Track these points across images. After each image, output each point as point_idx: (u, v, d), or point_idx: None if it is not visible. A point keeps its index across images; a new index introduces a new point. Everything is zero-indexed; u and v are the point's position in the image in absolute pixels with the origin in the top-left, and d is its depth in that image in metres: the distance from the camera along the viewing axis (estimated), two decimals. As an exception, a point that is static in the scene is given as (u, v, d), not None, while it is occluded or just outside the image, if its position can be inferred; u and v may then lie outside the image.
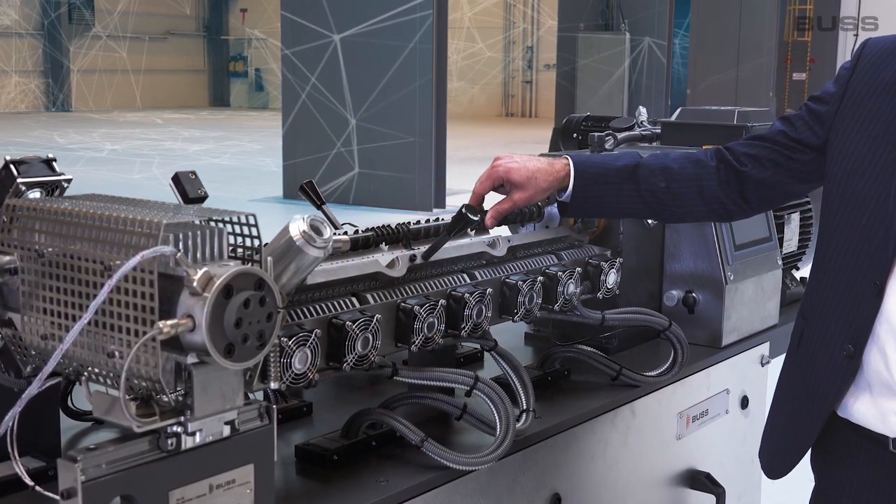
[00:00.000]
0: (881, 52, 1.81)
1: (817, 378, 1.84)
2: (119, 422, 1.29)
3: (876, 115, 1.76)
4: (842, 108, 1.82)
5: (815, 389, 1.84)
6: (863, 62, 1.82)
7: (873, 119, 1.76)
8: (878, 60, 1.80)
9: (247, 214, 1.38)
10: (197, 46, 33.67)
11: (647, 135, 3.01)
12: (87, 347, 1.34)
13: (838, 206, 1.79)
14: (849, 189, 1.77)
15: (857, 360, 1.75)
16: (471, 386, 1.81)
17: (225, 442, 1.37)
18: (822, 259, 1.84)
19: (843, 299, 1.78)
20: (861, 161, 1.76)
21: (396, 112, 12.73)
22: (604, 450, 2.16)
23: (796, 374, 1.91)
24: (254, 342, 1.32)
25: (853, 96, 1.81)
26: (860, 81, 1.81)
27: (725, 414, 2.60)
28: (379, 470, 1.74)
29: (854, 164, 1.77)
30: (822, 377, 1.82)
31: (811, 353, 1.85)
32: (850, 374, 1.77)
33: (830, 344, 1.80)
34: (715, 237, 2.55)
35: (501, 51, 30.70)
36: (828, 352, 1.80)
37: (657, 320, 2.29)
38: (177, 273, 1.28)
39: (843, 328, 1.77)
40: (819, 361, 1.83)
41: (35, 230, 1.42)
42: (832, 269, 1.80)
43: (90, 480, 1.24)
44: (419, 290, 1.85)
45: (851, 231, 1.76)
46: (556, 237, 2.26)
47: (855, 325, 1.75)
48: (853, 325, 1.75)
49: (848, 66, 1.85)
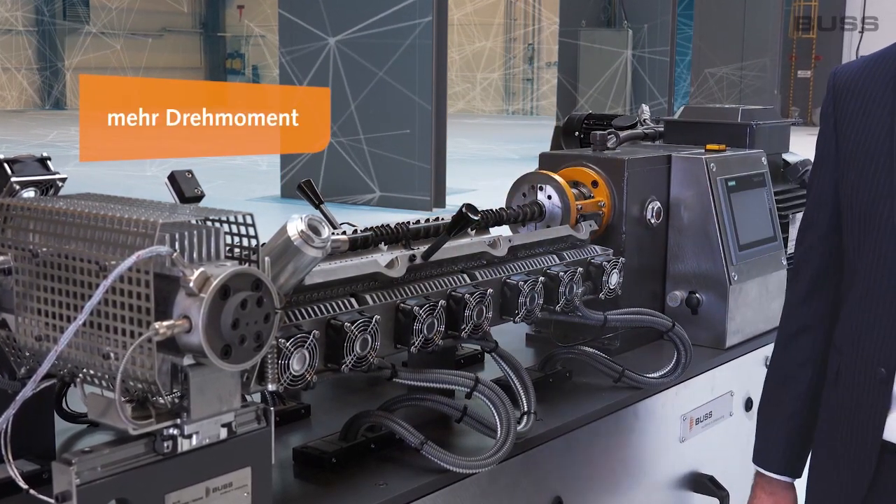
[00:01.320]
0: (851, 77, 1.84)
1: (860, 410, 1.82)
2: (114, 424, 1.29)
3: (867, 136, 1.79)
4: (839, 144, 1.83)
5: (858, 421, 1.82)
6: (840, 92, 1.84)
7: (867, 139, 1.79)
8: (851, 86, 1.83)
9: (244, 214, 1.38)
10: (193, 43, 33.66)
11: (650, 133, 3.01)
12: (82, 349, 1.34)
13: (857, 235, 1.80)
14: (859, 212, 1.79)
15: (891, 382, 1.75)
16: (471, 388, 1.81)
17: (222, 445, 1.37)
18: (850, 291, 1.84)
19: (875, 325, 1.78)
20: (861, 181, 1.78)
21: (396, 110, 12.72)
22: (606, 453, 2.16)
23: (836, 410, 1.87)
24: (251, 343, 1.32)
25: (843, 128, 1.83)
26: (843, 111, 1.83)
27: (729, 416, 2.60)
28: (378, 473, 1.74)
29: (855, 186, 1.79)
30: (863, 407, 1.81)
31: (850, 386, 1.84)
32: (886, 398, 1.76)
33: (867, 372, 1.79)
34: (719, 237, 2.55)
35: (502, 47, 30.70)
36: (865, 380, 1.80)
37: (660, 321, 2.29)
38: (173, 273, 1.28)
39: (877, 353, 1.77)
40: (856, 392, 1.81)
41: (29, 230, 1.42)
42: (861, 298, 1.80)
43: (85, 484, 1.24)
44: (419, 290, 1.85)
45: (872, 253, 1.76)
46: (557, 237, 2.26)
47: (886, 348, 1.75)
48: (884, 348, 1.76)
49: (828, 102, 1.87)
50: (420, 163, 12.66)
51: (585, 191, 2.44)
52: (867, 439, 1.79)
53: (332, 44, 13.01)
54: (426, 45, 12.52)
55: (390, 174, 12.81)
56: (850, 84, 1.83)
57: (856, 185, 1.79)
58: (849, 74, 1.84)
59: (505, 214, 2.28)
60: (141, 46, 31.10)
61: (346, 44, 12.97)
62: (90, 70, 29.68)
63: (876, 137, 1.77)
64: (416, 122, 12.65)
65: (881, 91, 1.78)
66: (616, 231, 2.44)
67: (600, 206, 2.43)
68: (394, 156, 12.78)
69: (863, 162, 1.78)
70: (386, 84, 12.78)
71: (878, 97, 1.78)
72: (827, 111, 1.87)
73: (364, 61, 12.89)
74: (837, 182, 1.84)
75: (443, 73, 12.92)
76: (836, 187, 1.84)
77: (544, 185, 2.38)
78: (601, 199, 2.43)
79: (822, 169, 1.88)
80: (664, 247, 2.61)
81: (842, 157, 1.82)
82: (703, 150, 2.70)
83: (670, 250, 2.61)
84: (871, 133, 1.78)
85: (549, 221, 2.36)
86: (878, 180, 1.75)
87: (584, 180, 2.46)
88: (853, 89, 1.82)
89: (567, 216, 2.34)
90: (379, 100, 12.85)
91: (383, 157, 12.87)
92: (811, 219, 1.92)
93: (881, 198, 1.74)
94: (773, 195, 2.82)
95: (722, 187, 2.59)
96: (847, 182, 1.81)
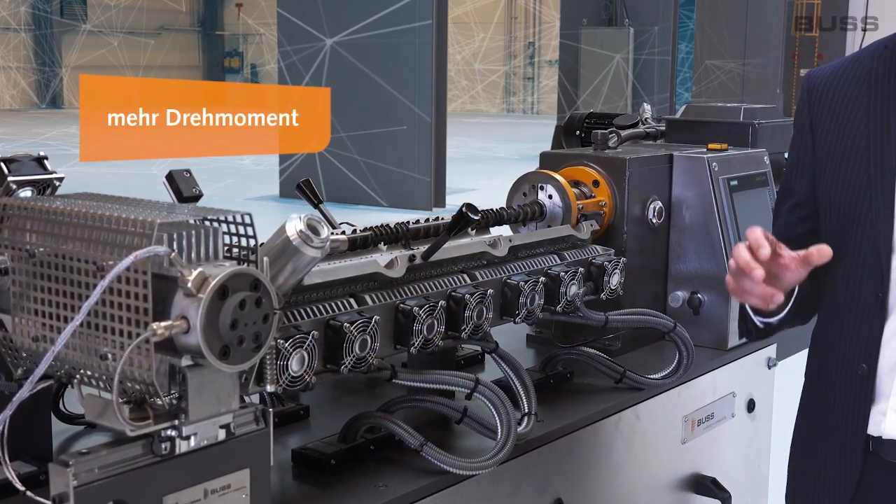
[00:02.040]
0: (826, 79, 1.86)
1: (842, 408, 1.82)
2: (112, 425, 1.29)
3: (844, 136, 1.81)
4: (815, 145, 1.86)
5: (841, 420, 1.82)
6: (815, 94, 1.87)
7: (843, 140, 1.81)
8: (826, 88, 1.86)
9: (242, 214, 1.38)
10: (191, 42, 33.65)
11: (652, 132, 3.01)
12: (80, 349, 1.34)
13: (838, 234, 1.80)
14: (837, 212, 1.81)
15: (873, 378, 1.76)
16: (471, 389, 1.81)
17: (220, 446, 1.37)
18: (826, 291, 1.85)
19: (851, 322, 1.79)
20: (838, 181, 1.81)
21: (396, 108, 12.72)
22: (607, 454, 2.16)
23: (818, 411, 1.88)
24: (250, 344, 1.32)
25: (819, 129, 1.85)
26: (818, 112, 1.85)
27: (731, 418, 2.59)
28: (377, 475, 1.74)
29: (833, 185, 1.81)
30: (845, 406, 1.81)
31: (831, 384, 1.84)
32: (868, 393, 1.77)
33: (848, 369, 1.80)
34: (721, 237, 2.55)
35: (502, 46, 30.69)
36: (847, 378, 1.80)
37: (662, 322, 2.29)
38: (171, 274, 1.28)
39: (858, 350, 1.78)
40: (838, 391, 1.82)
41: (26, 230, 1.42)
42: (836, 296, 1.81)
43: (82, 485, 1.24)
44: (418, 290, 1.85)
45: (846, 251, 1.77)
46: (558, 237, 2.26)
47: (868, 345, 1.76)
48: (867, 346, 1.76)
49: (803, 104, 1.89)
50: (419, 161, 12.65)
51: (586, 190, 2.44)
52: (851, 436, 1.80)
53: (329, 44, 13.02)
54: (426, 44, 12.52)
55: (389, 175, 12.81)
56: (824, 86, 1.86)
57: (834, 185, 1.81)
58: (823, 77, 1.88)
59: (505, 214, 2.28)
60: (138, 45, 31.09)
61: (344, 44, 12.97)
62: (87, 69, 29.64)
63: (852, 137, 1.79)
64: (416, 120, 12.65)
65: (855, 92, 1.81)
66: (617, 231, 2.44)
67: (601, 206, 2.43)
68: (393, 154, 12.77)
69: (840, 162, 1.80)
70: (386, 82, 12.77)
71: (853, 98, 1.81)
72: (802, 113, 1.89)
73: (363, 60, 12.88)
74: (815, 183, 1.85)
75: (443, 72, 12.92)
76: (813, 189, 1.86)
77: (545, 184, 2.38)
78: (602, 199, 2.43)
79: (797, 171, 1.90)
80: (666, 247, 2.61)
81: (818, 157, 1.84)
82: (705, 150, 2.70)
83: (672, 250, 2.61)
84: (847, 134, 1.81)
85: (549, 221, 2.36)
86: (856, 179, 1.78)
87: (585, 180, 2.46)
88: (828, 91, 1.85)
89: (568, 216, 2.34)
90: (378, 98, 12.85)
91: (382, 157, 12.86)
92: (785, 218, 1.92)
93: (860, 197, 1.76)
94: (776, 195, 2.81)
95: (724, 187, 2.59)
96: (825, 182, 1.83)
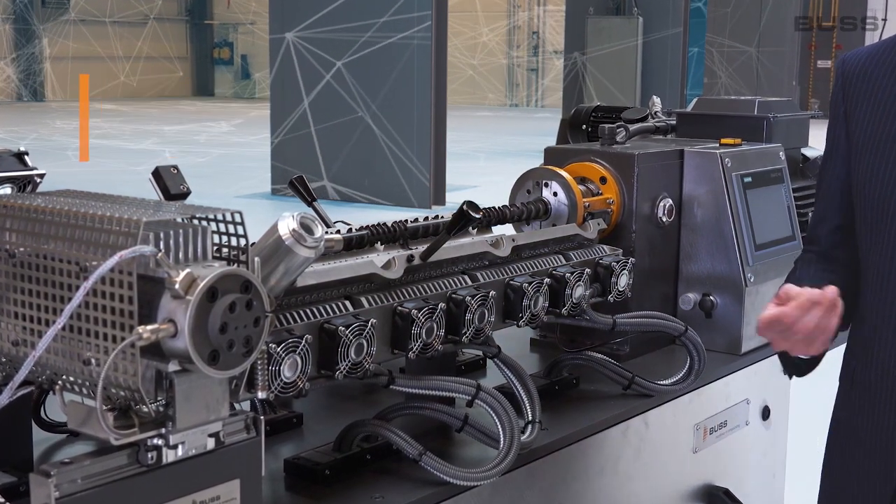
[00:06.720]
0: (861, 64, 1.88)
1: (878, 409, 1.81)
2: (96, 434, 1.29)
3: (879, 123, 1.81)
4: (850, 132, 1.86)
5: (879, 418, 1.81)
6: (849, 81, 1.88)
7: (879, 127, 1.81)
8: (861, 73, 1.87)
9: (232, 212, 1.38)
10: (179, 32, 33.66)
11: (662, 126, 3.01)
12: (62, 354, 1.34)
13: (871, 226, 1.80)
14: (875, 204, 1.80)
15: None
16: (472, 395, 1.81)
17: (209, 456, 1.37)
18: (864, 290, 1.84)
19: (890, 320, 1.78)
20: (874, 173, 1.81)
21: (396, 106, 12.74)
22: (615, 464, 2.16)
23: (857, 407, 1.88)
24: (240, 349, 1.32)
25: (853, 115, 1.86)
26: (853, 98, 1.86)
27: (745, 425, 2.60)
28: (374, 486, 1.74)
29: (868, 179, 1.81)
30: (881, 406, 1.81)
31: (867, 385, 1.83)
32: None
33: (882, 371, 1.79)
34: (734, 236, 2.55)
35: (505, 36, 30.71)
36: (881, 380, 1.80)
37: (672, 325, 2.29)
38: (157, 275, 1.28)
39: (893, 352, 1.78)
40: (875, 393, 1.81)
41: (5, 229, 1.42)
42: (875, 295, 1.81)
43: (65, 497, 1.24)
44: (417, 292, 1.85)
45: (887, 245, 1.77)
46: (563, 236, 2.26)
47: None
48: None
49: (838, 91, 1.90)
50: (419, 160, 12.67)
51: (593, 187, 2.44)
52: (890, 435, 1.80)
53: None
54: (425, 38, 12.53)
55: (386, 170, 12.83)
56: (859, 71, 1.87)
57: (869, 174, 1.81)
58: (859, 62, 1.88)
59: (508, 212, 2.28)
60: (124, 35, 31.12)
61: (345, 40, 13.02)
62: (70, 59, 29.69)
63: (888, 125, 1.80)
64: (415, 118, 12.66)
65: (889, 78, 1.82)
66: (625, 230, 2.44)
67: (609, 204, 2.43)
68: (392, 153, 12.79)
69: (875, 150, 1.80)
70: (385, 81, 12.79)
71: (887, 84, 1.82)
72: (837, 99, 1.89)
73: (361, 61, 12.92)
74: (850, 172, 1.85)
75: (442, 66, 12.94)
76: (847, 178, 1.86)
77: (550, 181, 2.38)
78: (610, 196, 2.44)
79: (832, 160, 1.90)
80: (676, 247, 2.61)
81: (853, 145, 1.84)
82: (718, 145, 2.70)
83: (683, 250, 2.61)
84: (882, 120, 1.81)
85: (554, 220, 2.36)
86: (892, 168, 1.77)
87: (591, 176, 2.46)
88: (863, 76, 1.86)
89: (574, 214, 2.34)
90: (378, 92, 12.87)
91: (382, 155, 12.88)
92: (822, 213, 1.93)
93: None
94: (792, 192, 2.82)
95: (737, 184, 2.59)
96: (860, 171, 1.83)
